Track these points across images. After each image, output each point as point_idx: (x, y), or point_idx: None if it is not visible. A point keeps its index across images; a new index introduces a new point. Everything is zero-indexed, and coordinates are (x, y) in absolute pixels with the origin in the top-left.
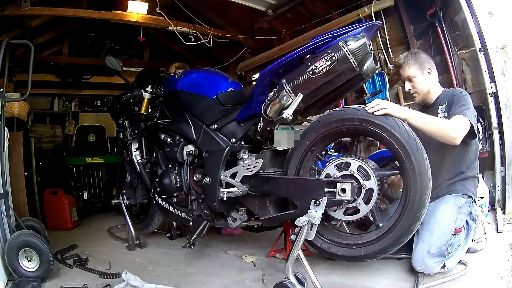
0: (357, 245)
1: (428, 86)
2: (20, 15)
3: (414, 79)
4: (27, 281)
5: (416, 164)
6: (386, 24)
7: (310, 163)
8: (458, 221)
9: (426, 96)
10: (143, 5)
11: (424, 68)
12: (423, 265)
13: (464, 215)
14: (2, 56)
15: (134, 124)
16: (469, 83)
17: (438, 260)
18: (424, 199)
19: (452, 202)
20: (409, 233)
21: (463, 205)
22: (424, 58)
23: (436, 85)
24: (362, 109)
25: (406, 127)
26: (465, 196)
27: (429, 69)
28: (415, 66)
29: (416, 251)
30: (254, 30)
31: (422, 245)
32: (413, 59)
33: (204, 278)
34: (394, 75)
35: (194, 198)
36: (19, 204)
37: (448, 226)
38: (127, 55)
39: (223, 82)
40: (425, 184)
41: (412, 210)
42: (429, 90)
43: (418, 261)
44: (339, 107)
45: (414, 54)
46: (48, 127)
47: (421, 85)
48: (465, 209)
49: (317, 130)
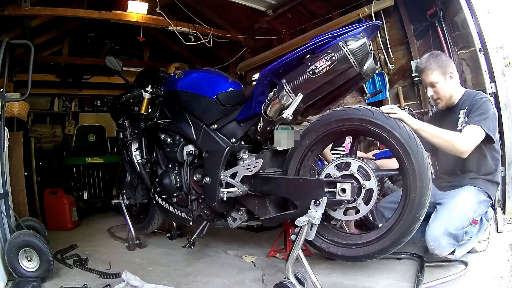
0: (356, 245)
1: (450, 91)
2: (20, 15)
3: (437, 85)
4: (27, 281)
5: (416, 164)
6: (386, 24)
7: (310, 163)
8: (476, 212)
9: (448, 101)
10: (143, 5)
11: (447, 73)
12: (437, 242)
13: (482, 210)
14: (2, 56)
15: (134, 124)
16: (469, 83)
17: (451, 242)
18: (424, 200)
19: (474, 193)
20: (409, 233)
21: (483, 201)
22: (445, 61)
23: (458, 88)
24: (363, 109)
25: (407, 128)
26: (485, 194)
27: (451, 73)
28: (438, 71)
29: (432, 227)
30: (254, 30)
31: (440, 221)
32: (435, 63)
33: (204, 278)
34: (394, 75)
35: (194, 198)
36: (19, 204)
37: (468, 213)
38: (127, 55)
39: (223, 82)
40: (425, 185)
41: (412, 211)
42: (451, 95)
43: (433, 237)
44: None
45: (436, 57)
46: (48, 127)
47: (444, 90)
48: (483, 206)
49: (317, 130)
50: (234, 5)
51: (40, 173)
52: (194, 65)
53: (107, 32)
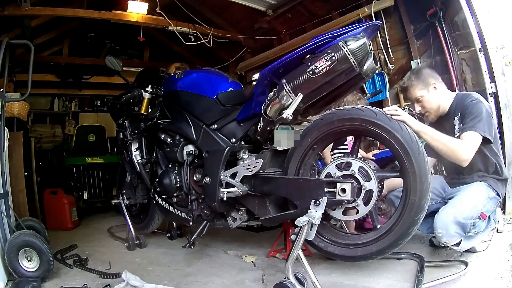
0: (354, 245)
1: (437, 102)
2: (20, 15)
3: (422, 99)
4: (27, 281)
5: (417, 167)
6: (386, 24)
7: (311, 163)
8: (485, 207)
9: (437, 112)
10: (143, 5)
11: (429, 84)
12: (445, 230)
13: (490, 206)
14: (2, 56)
15: (134, 124)
16: (469, 83)
17: (459, 232)
18: (423, 203)
19: (485, 188)
20: (407, 236)
21: (492, 197)
22: (426, 74)
23: (445, 97)
24: (366, 109)
25: (409, 130)
26: (494, 192)
27: (434, 84)
28: (420, 85)
29: (441, 214)
30: (254, 30)
31: (450, 210)
32: (416, 79)
33: (204, 278)
34: (394, 75)
35: (194, 198)
36: (19, 204)
37: (478, 206)
38: (127, 55)
39: (223, 82)
40: (425, 188)
41: (411, 214)
42: (439, 105)
43: (442, 223)
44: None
45: (416, 73)
46: (48, 127)
47: (430, 103)
48: (492, 202)
49: (319, 129)
50: (234, 5)
51: (40, 173)
52: (194, 65)
53: (107, 32)
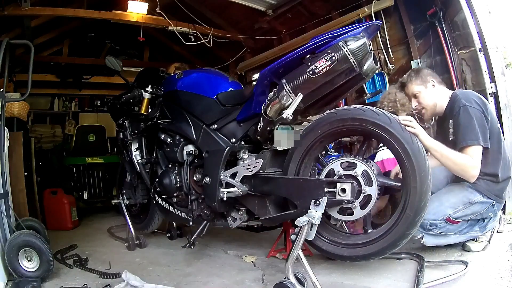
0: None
1: (434, 99)
2: (20, 15)
3: (419, 95)
4: (27, 281)
5: (419, 184)
6: (386, 24)
7: (311, 163)
8: (458, 213)
9: (433, 110)
10: (143, 5)
11: (427, 81)
12: None
13: (470, 211)
14: (2, 56)
15: (134, 124)
16: (469, 83)
17: (419, 228)
18: (417, 220)
19: (465, 194)
20: (406, 237)
21: (477, 202)
22: (426, 73)
23: (442, 96)
24: (381, 114)
25: (419, 145)
26: (484, 196)
27: (433, 81)
28: (418, 81)
29: None
30: (254, 30)
31: None
32: (415, 76)
33: (204, 278)
34: (394, 75)
35: (194, 198)
36: (19, 204)
37: (445, 210)
38: (127, 55)
39: (223, 82)
40: (422, 206)
41: (403, 227)
42: (435, 103)
43: None
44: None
45: (416, 70)
46: (48, 127)
47: (426, 99)
48: (476, 207)
49: (331, 123)
50: (234, 5)
51: (40, 173)
52: (194, 65)
53: (107, 32)
